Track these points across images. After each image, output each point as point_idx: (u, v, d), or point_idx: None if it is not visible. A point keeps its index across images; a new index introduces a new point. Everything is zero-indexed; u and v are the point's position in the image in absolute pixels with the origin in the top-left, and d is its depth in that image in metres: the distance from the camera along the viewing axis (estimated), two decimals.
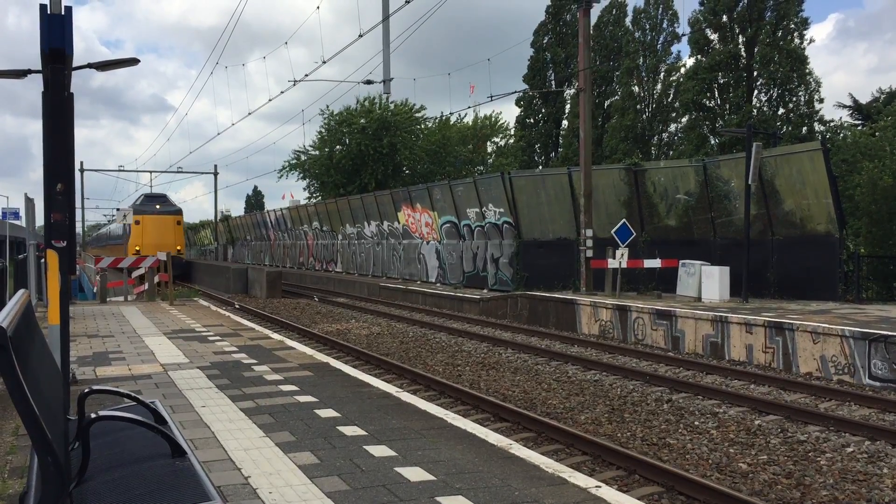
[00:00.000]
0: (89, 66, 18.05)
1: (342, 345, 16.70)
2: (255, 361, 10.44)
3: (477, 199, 26.55)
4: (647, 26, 46.13)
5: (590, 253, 21.67)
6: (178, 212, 46.14)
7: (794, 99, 38.34)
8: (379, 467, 5.60)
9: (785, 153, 20.31)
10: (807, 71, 37.84)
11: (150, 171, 63.01)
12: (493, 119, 53.06)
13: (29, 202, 18.04)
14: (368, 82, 25.34)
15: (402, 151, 44.66)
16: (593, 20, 42.06)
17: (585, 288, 21.67)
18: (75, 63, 8.34)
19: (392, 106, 45.87)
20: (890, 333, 12.33)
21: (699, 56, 39.80)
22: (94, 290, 32.12)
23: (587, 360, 14.59)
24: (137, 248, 39.94)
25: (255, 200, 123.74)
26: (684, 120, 42.67)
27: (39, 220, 20.27)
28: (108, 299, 22.69)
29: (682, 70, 43.99)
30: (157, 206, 44.67)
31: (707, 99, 39.69)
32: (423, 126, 47.31)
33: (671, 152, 44.07)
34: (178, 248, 43.48)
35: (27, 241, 17.80)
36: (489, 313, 22.86)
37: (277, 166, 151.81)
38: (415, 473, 5.45)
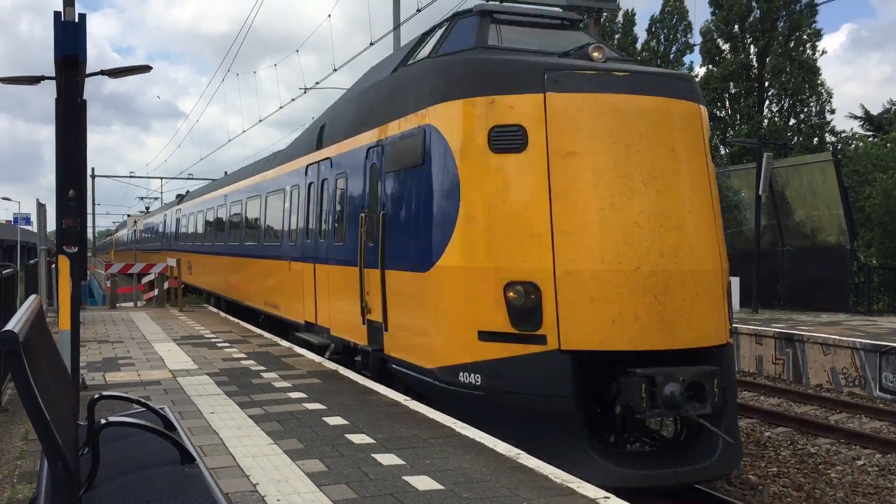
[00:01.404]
0: (102, 72, 18.15)
1: None
2: (263, 368, 10.44)
3: None
4: (662, 36, 46.10)
5: None
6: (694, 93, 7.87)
7: (806, 109, 38.27)
8: (387, 476, 5.59)
9: (796, 164, 20.26)
10: (819, 82, 37.79)
11: (161, 178, 63.06)
12: None
13: (41, 207, 18.15)
14: None
15: None
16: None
17: None
18: (88, 69, 8.40)
19: None
20: None
21: (710, 66, 39.77)
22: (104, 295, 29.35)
23: None
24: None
25: None
26: None
27: (51, 226, 20.42)
28: (117, 305, 22.76)
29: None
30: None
31: (718, 109, 39.62)
32: None
33: None
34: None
35: (38, 247, 17.90)
36: None
37: None
38: (423, 482, 5.43)
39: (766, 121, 37.68)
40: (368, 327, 9.55)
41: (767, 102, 38.89)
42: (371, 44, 19.37)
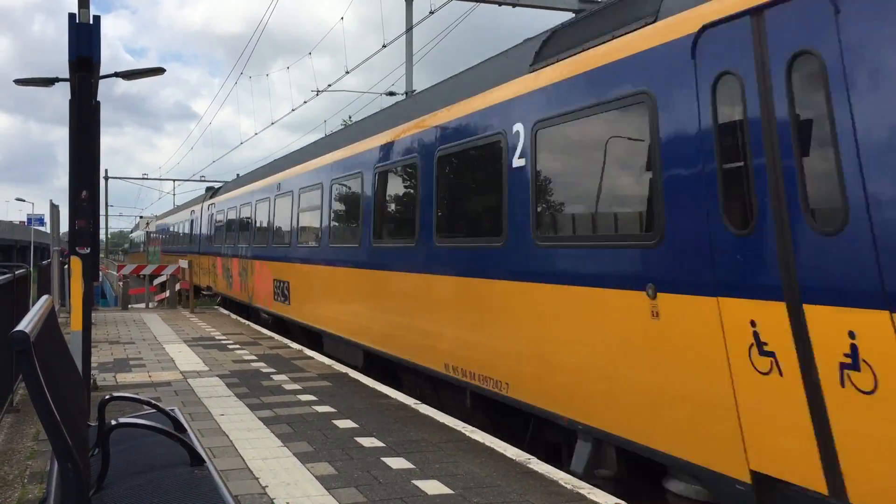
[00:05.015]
0: (116, 74, 18.25)
1: None
2: (273, 370, 10.45)
3: None
4: None
5: None
6: None
7: None
8: (396, 480, 5.57)
9: None
10: None
11: (174, 180, 63.44)
12: None
13: (54, 209, 18.24)
14: (391, 94, 25.45)
15: None
16: None
17: None
18: (101, 71, 8.44)
19: None
20: None
21: None
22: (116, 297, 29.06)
23: None
24: None
25: None
26: None
27: (64, 227, 20.45)
28: (129, 306, 22.85)
29: None
30: None
31: None
32: None
33: None
34: None
35: (51, 248, 17.98)
36: None
37: None
38: (432, 487, 5.41)
39: None
40: None
41: None
42: (384, 45, 19.39)
